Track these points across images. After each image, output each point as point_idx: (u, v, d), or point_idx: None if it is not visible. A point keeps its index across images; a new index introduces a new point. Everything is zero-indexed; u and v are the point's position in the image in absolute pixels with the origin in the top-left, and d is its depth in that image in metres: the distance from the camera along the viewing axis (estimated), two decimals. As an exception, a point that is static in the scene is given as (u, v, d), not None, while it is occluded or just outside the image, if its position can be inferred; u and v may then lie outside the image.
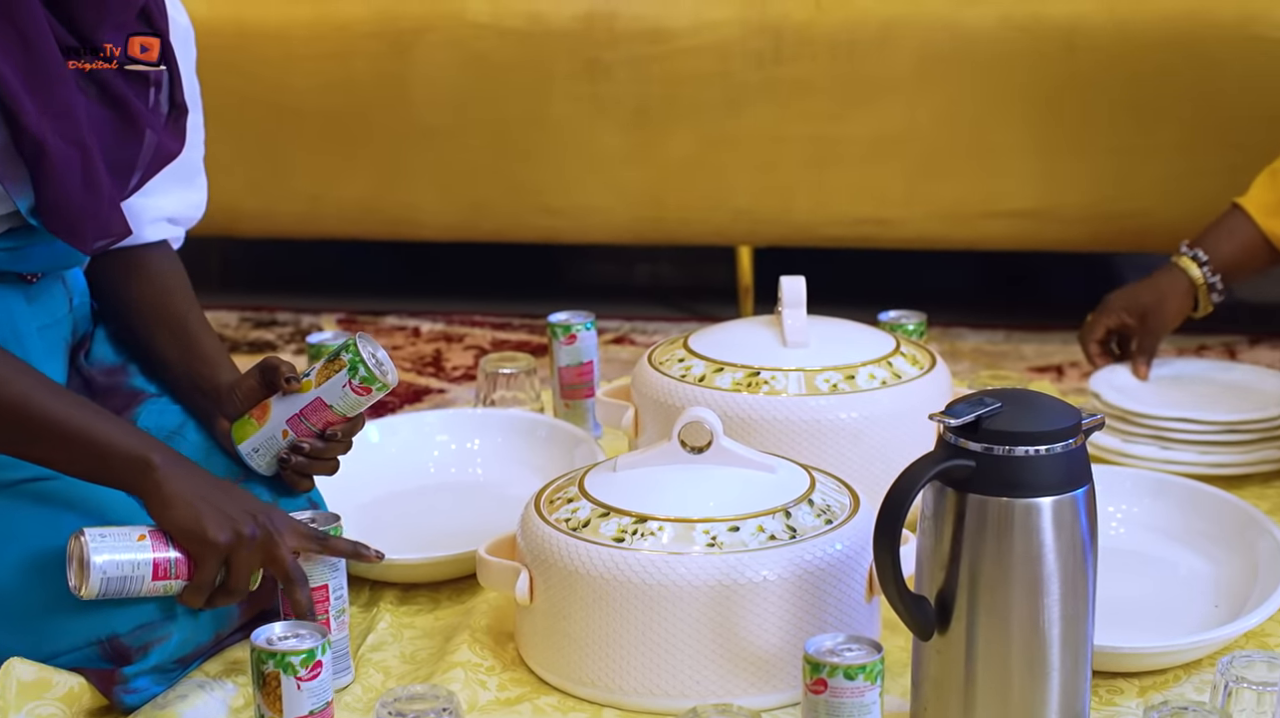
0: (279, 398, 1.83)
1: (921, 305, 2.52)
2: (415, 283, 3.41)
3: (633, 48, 2.93)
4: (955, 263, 3.36)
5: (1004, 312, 3.09)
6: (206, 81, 2.91)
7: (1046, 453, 1.56)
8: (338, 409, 1.83)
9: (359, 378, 1.81)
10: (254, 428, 1.84)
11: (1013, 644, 1.59)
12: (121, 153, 1.75)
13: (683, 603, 1.70)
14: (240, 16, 3.04)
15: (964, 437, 1.58)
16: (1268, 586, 1.88)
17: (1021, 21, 2.85)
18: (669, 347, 2.20)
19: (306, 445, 1.84)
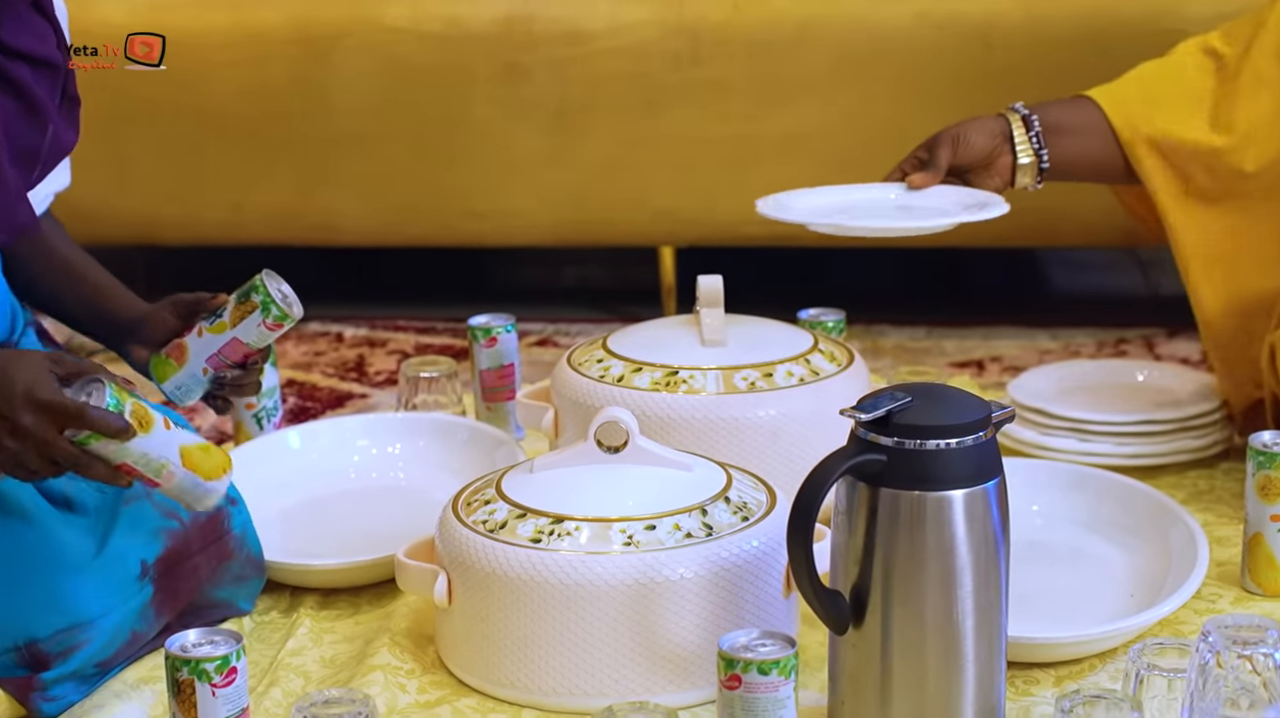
0: (194, 338, 1.90)
1: (845, 304, 2.53)
2: (339, 288, 3.40)
3: (551, 50, 2.94)
4: (879, 261, 3.37)
5: (925, 308, 3.11)
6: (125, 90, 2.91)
7: (957, 446, 1.58)
8: (253, 345, 1.90)
9: (271, 317, 1.87)
10: (174, 368, 1.92)
11: (927, 637, 1.60)
12: (26, 144, 1.74)
13: (600, 602, 1.70)
14: (157, 24, 3.02)
15: (875, 432, 1.59)
16: (1181, 574, 1.90)
17: (938, 20, 2.87)
18: (588, 348, 2.21)
19: (228, 375, 1.92)
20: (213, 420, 2.62)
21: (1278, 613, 1.92)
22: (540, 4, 2.95)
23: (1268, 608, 1.93)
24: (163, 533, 1.82)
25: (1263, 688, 1.51)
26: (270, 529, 2.07)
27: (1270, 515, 1.94)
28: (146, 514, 1.81)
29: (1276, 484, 1.93)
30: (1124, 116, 2.25)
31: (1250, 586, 1.97)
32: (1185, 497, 2.21)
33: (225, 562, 1.89)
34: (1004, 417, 1.63)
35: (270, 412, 2.38)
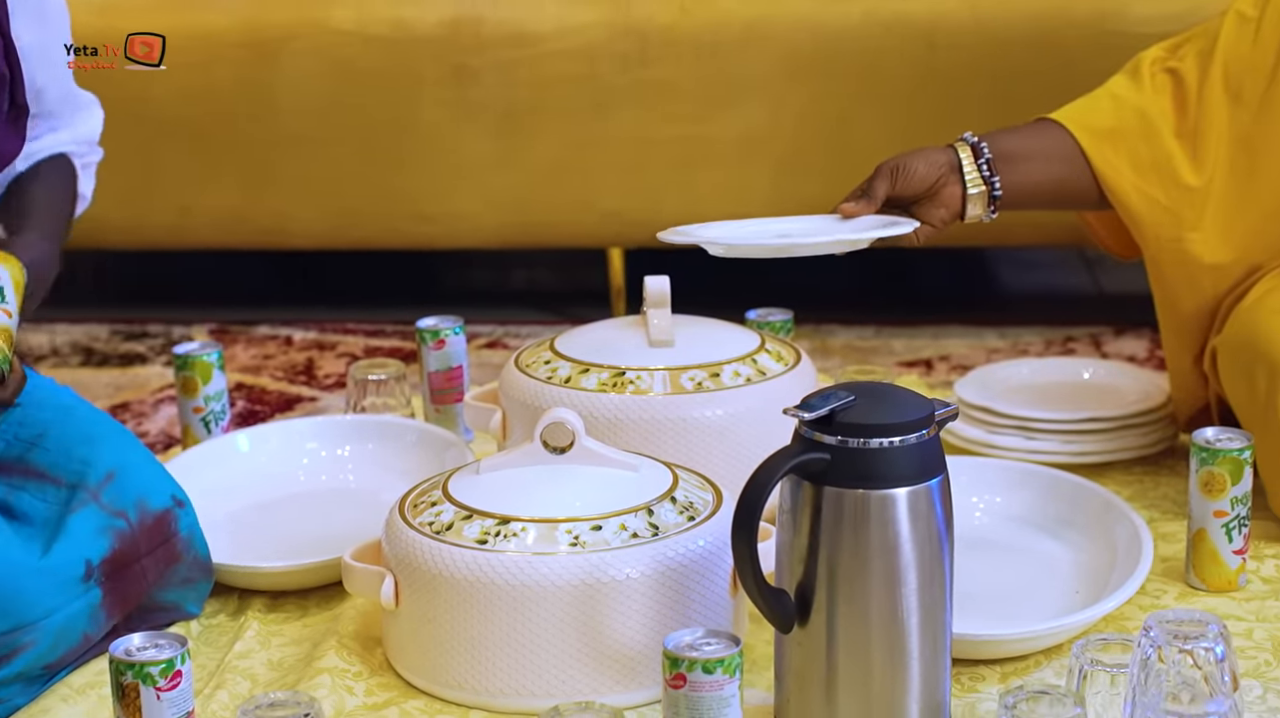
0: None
1: (795, 304, 2.54)
2: (288, 292, 3.39)
3: (499, 52, 2.94)
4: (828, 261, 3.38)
5: (875, 308, 3.12)
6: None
7: (900, 444, 1.58)
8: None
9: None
10: None
11: (872, 634, 1.61)
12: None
13: (546, 603, 1.70)
14: (104, 27, 3.01)
15: (819, 430, 1.59)
16: (1125, 570, 1.91)
17: (884, 20, 2.88)
18: (536, 349, 2.21)
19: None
20: (161, 425, 2.62)
21: (1221, 608, 1.93)
22: (487, 6, 2.95)
23: (1211, 603, 1.94)
24: (109, 533, 1.81)
25: (1204, 682, 1.51)
26: (219, 532, 2.07)
27: (1213, 511, 1.95)
28: (92, 515, 1.81)
29: (1219, 480, 1.94)
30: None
31: (1194, 581, 1.98)
32: (1131, 494, 2.23)
33: (173, 564, 1.89)
34: (947, 415, 1.63)
35: (218, 415, 2.38)
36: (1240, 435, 1.96)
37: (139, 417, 2.66)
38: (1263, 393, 2.06)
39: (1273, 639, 1.86)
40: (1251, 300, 2.11)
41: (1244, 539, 1.96)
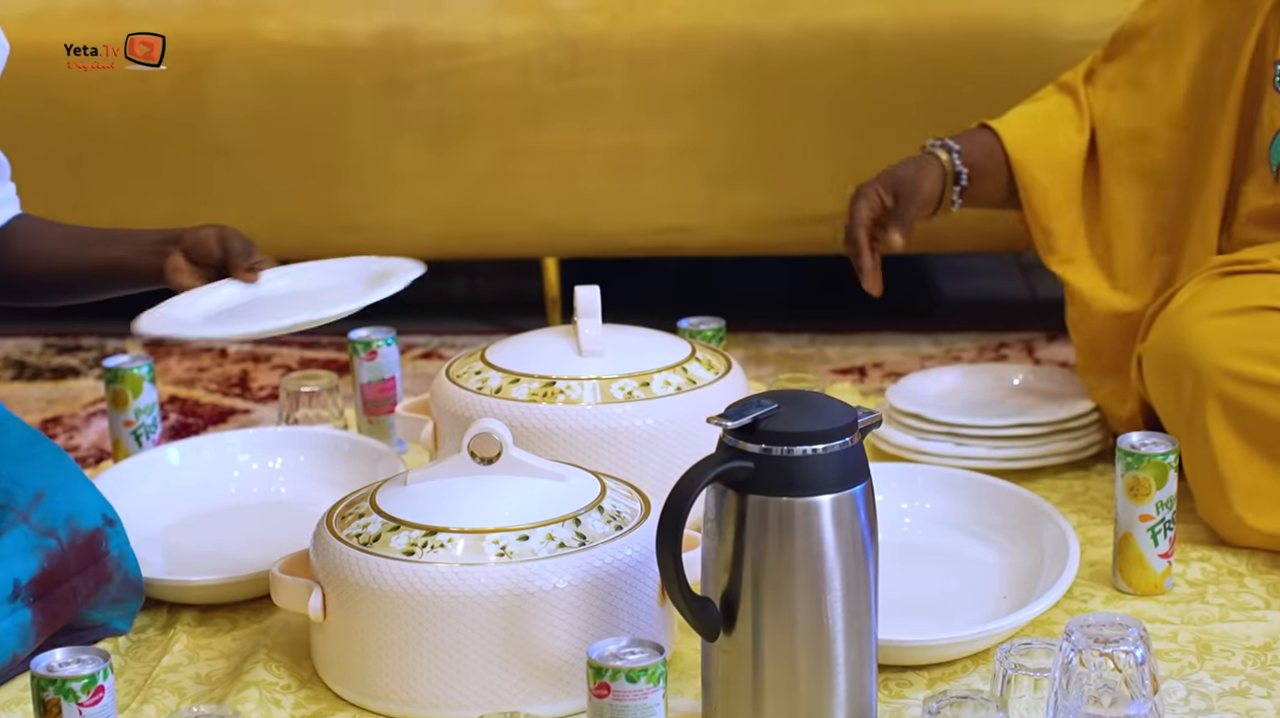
0: None
1: (731, 312, 2.54)
2: (225, 304, 3.38)
3: (431, 63, 2.94)
4: (764, 270, 3.39)
5: (811, 316, 3.13)
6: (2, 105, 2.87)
7: (824, 452, 1.59)
8: None
9: None
10: None
11: (798, 642, 1.61)
12: None
13: (474, 614, 1.70)
14: (37, 39, 3.00)
15: (742, 438, 1.60)
16: (1052, 574, 1.92)
17: (815, 28, 2.89)
18: (467, 360, 2.21)
19: None
20: (92, 439, 2.61)
21: (1147, 611, 1.94)
22: (419, 17, 2.95)
23: (1138, 607, 1.96)
24: (38, 552, 1.80)
25: (1124, 686, 1.53)
26: (150, 546, 2.06)
27: (1139, 515, 1.96)
28: (22, 536, 1.80)
29: (1145, 485, 1.95)
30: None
31: (1121, 585, 2.00)
32: (1060, 498, 2.24)
33: (103, 583, 1.88)
34: (870, 422, 1.64)
35: (149, 428, 2.37)
36: (1165, 440, 1.98)
37: (71, 430, 2.65)
38: (1188, 400, 2.07)
39: (1197, 642, 1.88)
40: (1175, 306, 2.13)
41: (1169, 543, 1.98)
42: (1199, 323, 2.08)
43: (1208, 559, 2.06)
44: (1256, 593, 1.99)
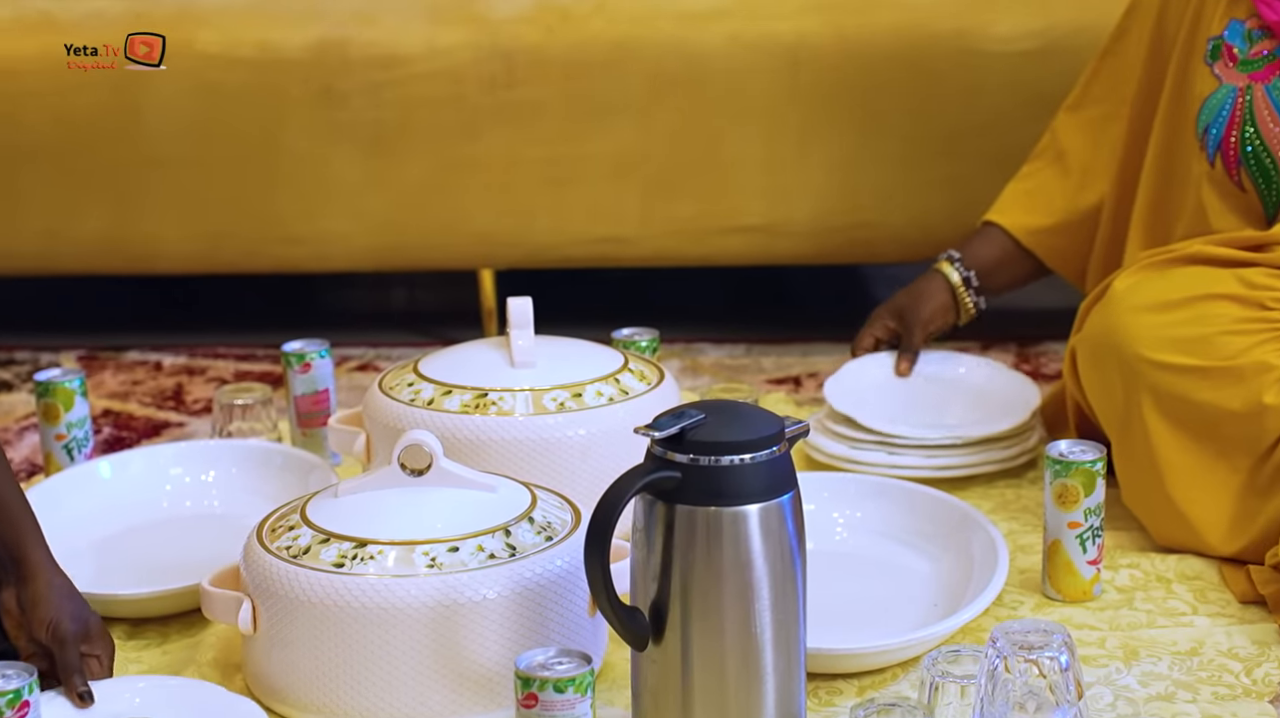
0: None
1: (668, 323, 2.55)
2: (160, 316, 3.37)
3: (366, 74, 2.93)
4: (700, 280, 3.40)
5: (748, 326, 3.13)
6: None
7: (751, 461, 1.60)
8: None
9: None
10: None
11: (726, 651, 1.62)
12: None
13: (404, 625, 1.70)
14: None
15: (670, 449, 1.60)
16: (982, 582, 1.94)
17: (749, 40, 2.90)
18: (399, 372, 2.21)
19: None
20: (25, 453, 2.59)
21: (1076, 618, 1.96)
22: (354, 28, 2.95)
23: (1067, 613, 1.97)
24: None
25: (1049, 692, 1.54)
26: (81, 560, 2.05)
27: (1068, 523, 1.98)
28: None
29: (1072, 492, 1.97)
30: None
31: (1050, 592, 2.01)
32: (992, 506, 2.26)
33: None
34: (797, 432, 1.65)
35: (81, 442, 2.36)
36: (1092, 448, 1.99)
37: (3, 444, 2.63)
38: (1121, 390, 2.09)
39: (1124, 648, 1.89)
40: (1109, 298, 2.14)
41: (1098, 550, 1.99)
42: (1132, 316, 2.10)
43: (1136, 566, 2.08)
44: (1184, 599, 2.00)
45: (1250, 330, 2.05)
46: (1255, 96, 2.19)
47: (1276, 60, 2.20)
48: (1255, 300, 2.08)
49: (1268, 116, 2.18)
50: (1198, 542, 2.08)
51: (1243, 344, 2.04)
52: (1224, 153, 2.22)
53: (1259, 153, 2.19)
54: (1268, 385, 2.02)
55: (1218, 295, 2.08)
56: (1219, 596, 2.01)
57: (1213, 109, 2.23)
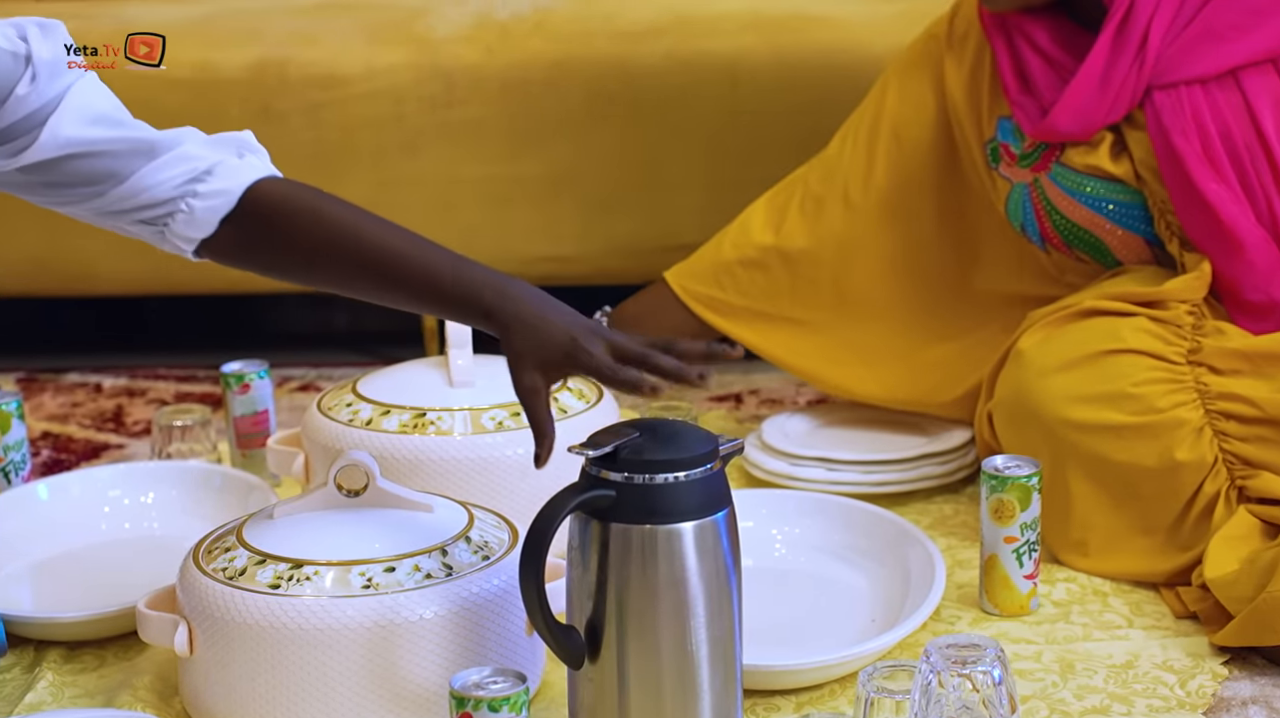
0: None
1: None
2: (101, 338, 3.36)
3: (305, 94, 2.93)
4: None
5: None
6: None
7: (685, 479, 1.60)
8: None
9: None
10: None
11: (663, 668, 1.62)
12: None
13: (341, 646, 1.70)
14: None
15: (604, 467, 1.61)
16: (919, 597, 1.94)
17: (686, 58, 2.91)
18: (338, 392, 2.21)
19: None
20: (-38, 476, 2.58)
21: (1013, 632, 1.97)
22: (293, 48, 2.94)
23: (1004, 627, 1.98)
24: None
25: (982, 706, 1.54)
26: (19, 584, 2.04)
27: (1004, 537, 1.99)
28: None
29: (1009, 507, 1.98)
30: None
31: (988, 606, 2.02)
32: (931, 522, 2.27)
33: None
34: (732, 449, 1.66)
35: (18, 465, 2.35)
36: (1028, 463, 2.01)
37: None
38: (1044, 455, 2.09)
39: (1061, 661, 1.90)
40: (1017, 359, 2.17)
41: (1034, 564, 2.00)
42: (1042, 379, 2.11)
43: (1073, 580, 2.09)
44: (1119, 612, 2.02)
45: (1161, 381, 2.07)
46: (1045, 188, 2.27)
47: (1050, 149, 2.26)
48: (1160, 354, 2.10)
49: (1065, 203, 2.26)
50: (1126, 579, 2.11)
51: (1154, 399, 2.06)
52: (1049, 241, 2.30)
53: (1080, 234, 2.27)
54: (1180, 441, 2.04)
55: (1125, 349, 2.10)
56: (1155, 609, 2.02)
57: (1016, 209, 2.32)
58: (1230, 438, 2.05)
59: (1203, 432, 2.05)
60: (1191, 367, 2.09)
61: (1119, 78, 2.17)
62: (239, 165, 1.79)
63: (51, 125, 1.69)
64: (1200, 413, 2.05)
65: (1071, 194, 2.24)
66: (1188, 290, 2.16)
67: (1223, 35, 2.15)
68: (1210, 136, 2.15)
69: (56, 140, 1.69)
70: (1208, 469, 2.05)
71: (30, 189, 1.76)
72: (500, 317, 1.71)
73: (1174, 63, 2.16)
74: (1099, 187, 2.23)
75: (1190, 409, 2.05)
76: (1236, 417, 2.05)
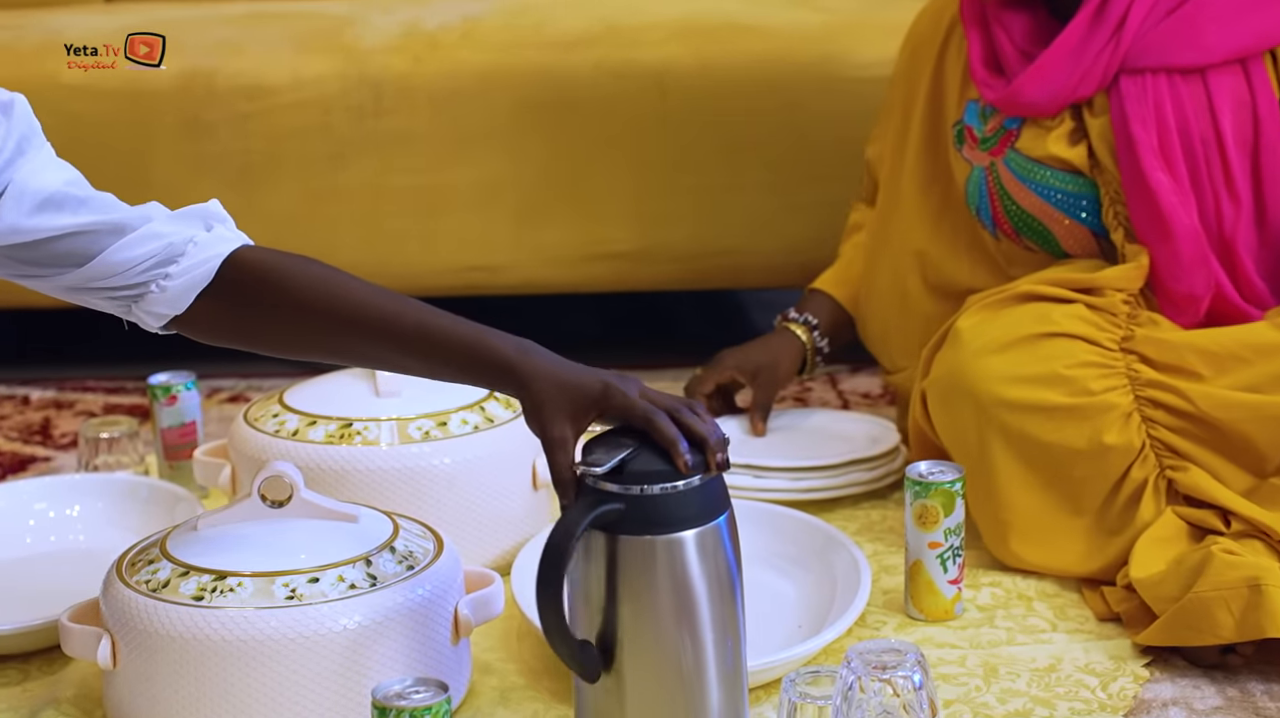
0: None
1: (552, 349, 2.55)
2: (29, 350, 3.34)
3: (233, 105, 2.92)
4: (579, 307, 3.41)
5: (619, 352, 3.13)
6: None
7: (685, 487, 1.61)
8: None
9: None
10: None
11: (675, 675, 1.64)
12: None
13: (264, 658, 1.70)
14: None
15: (609, 481, 1.61)
16: (845, 602, 1.95)
17: (614, 67, 2.92)
18: (265, 403, 2.21)
19: None
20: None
21: (938, 637, 1.98)
22: (221, 59, 2.94)
23: (929, 633, 1.99)
24: None
25: (903, 711, 1.55)
26: (-59, 601, 2.03)
27: (928, 543, 2.00)
28: None
29: (932, 513, 1.99)
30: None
31: (913, 611, 2.03)
32: (858, 528, 2.28)
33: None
34: None
35: (-57, 479, 2.34)
36: (951, 468, 2.02)
37: None
38: (973, 434, 2.12)
39: (984, 665, 1.91)
40: (954, 340, 2.18)
41: (959, 569, 2.02)
42: (977, 359, 2.13)
43: (998, 584, 2.11)
44: (1043, 616, 2.03)
45: (1094, 365, 2.09)
46: (1000, 173, 2.30)
47: (1008, 133, 2.29)
48: (1094, 339, 2.12)
49: (1016, 189, 2.28)
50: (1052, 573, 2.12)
51: (1086, 382, 2.08)
52: (999, 226, 2.33)
53: (1027, 219, 2.29)
54: (1110, 424, 2.06)
55: (1060, 333, 2.12)
56: (1078, 612, 2.04)
57: (973, 191, 2.34)
58: (1158, 425, 2.07)
59: (1131, 417, 2.07)
60: (1124, 354, 2.12)
61: (1091, 53, 2.19)
62: (210, 239, 1.73)
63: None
64: (1130, 399, 2.08)
65: (1023, 181, 2.26)
66: (1124, 280, 2.19)
67: (1202, 29, 2.18)
68: (1168, 129, 2.18)
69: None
70: (1135, 454, 2.07)
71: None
72: (523, 369, 1.67)
73: (1148, 49, 2.19)
74: (1050, 175, 2.25)
75: (1120, 394, 2.08)
76: (1165, 406, 2.07)
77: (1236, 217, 2.19)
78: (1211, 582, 1.90)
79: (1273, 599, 1.86)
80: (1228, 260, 2.21)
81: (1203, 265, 2.19)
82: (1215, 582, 1.89)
